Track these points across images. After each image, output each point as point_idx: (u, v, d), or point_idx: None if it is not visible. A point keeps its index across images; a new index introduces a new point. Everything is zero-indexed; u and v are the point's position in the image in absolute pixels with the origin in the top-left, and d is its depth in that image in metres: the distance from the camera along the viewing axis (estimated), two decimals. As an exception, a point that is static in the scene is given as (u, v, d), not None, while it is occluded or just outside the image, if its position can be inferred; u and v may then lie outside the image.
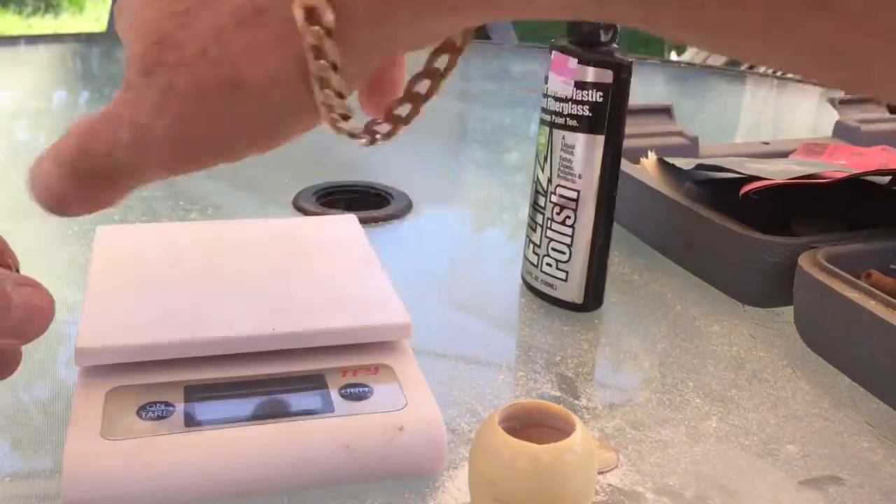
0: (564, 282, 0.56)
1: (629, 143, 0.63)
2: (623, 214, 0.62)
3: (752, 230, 0.57)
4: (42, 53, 1.41)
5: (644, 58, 1.44)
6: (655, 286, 0.62)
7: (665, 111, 0.80)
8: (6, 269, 0.34)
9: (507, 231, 0.77)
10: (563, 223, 0.55)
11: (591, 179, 0.54)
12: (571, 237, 0.55)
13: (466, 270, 0.66)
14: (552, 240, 0.56)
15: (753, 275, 0.57)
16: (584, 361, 0.52)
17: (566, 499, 0.32)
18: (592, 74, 0.52)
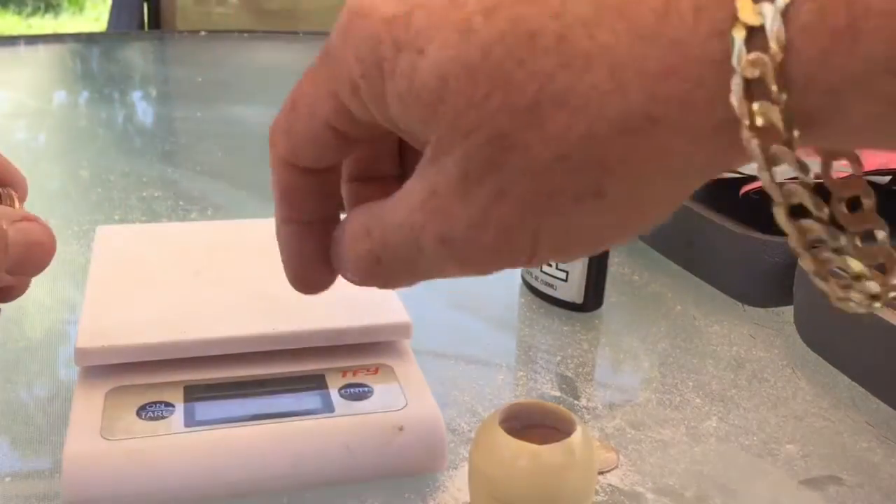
0: (564, 282, 0.56)
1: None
2: (623, 214, 0.62)
3: (752, 230, 0.57)
4: (42, 53, 1.41)
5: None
6: (655, 286, 0.62)
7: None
8: (4, 207, 0.33)
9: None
10: (563, 223, 0.55)
11: (591, 179, 0.54)
12: (571, 237, 0.55)
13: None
14: (552, 240, 0.56)
15: (753, 275, 0.57)
16: (584, 361, 0.52)
17: (566, 499, 0.32)
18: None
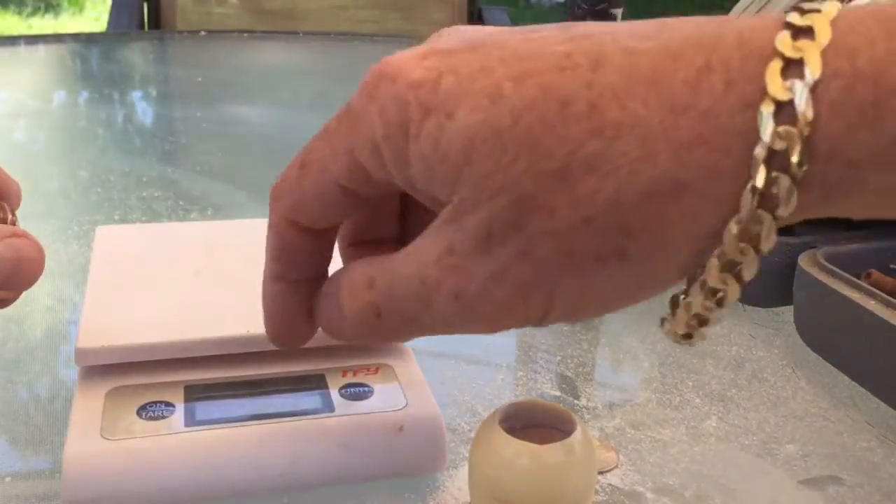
0: (564, 281, 0.56)
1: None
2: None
3: (752, 230, 0.57)
4: (42, 53, 1.41)
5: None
6: (655, 286, 0.62)
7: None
8: None
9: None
10: (563, 223, 0.55)
11: (591, 179, 0.54)
12: (571, 237, 0.55)
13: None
14: (552, 239, 0.56)
15: (753, 274, 0.57)
16: (584, 361, 0.52)
17: (566, 498, 0.32)
18: (592, 74, 0.52)
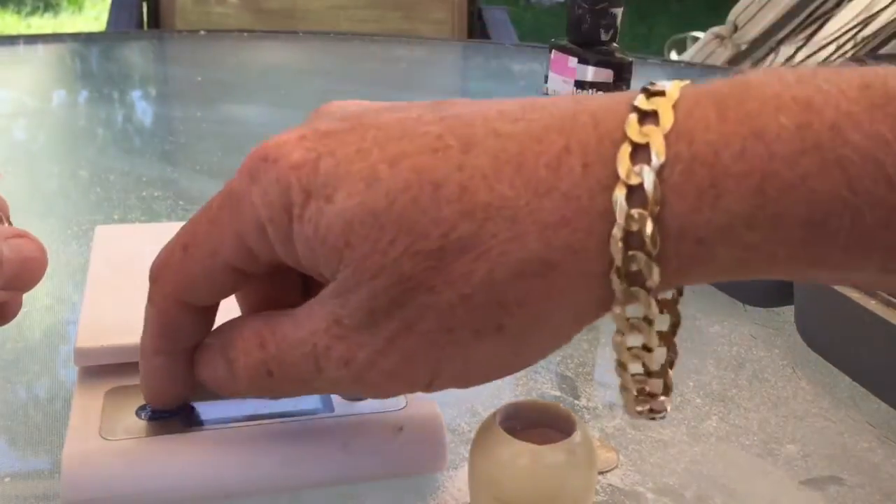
0: (564, 281, 0.56)
1: (629, 143, 0.62)
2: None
3: (753, 230, 0.57)
4: (41, 53, 1.41)
5: (644, 57, 1.44)
6: (655, 286, 0.62)
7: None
8: None
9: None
10: (563, 223, 0.55)
11: (592, 179, 0.54)
12: (571, 237, 0.55)
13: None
14: (552, 239, 0.56)
15: (754, 274, 0.57)
16: (585, 361, 0.52)
17: (566, 499, 0.32)
18: (592, 74, 0.52)
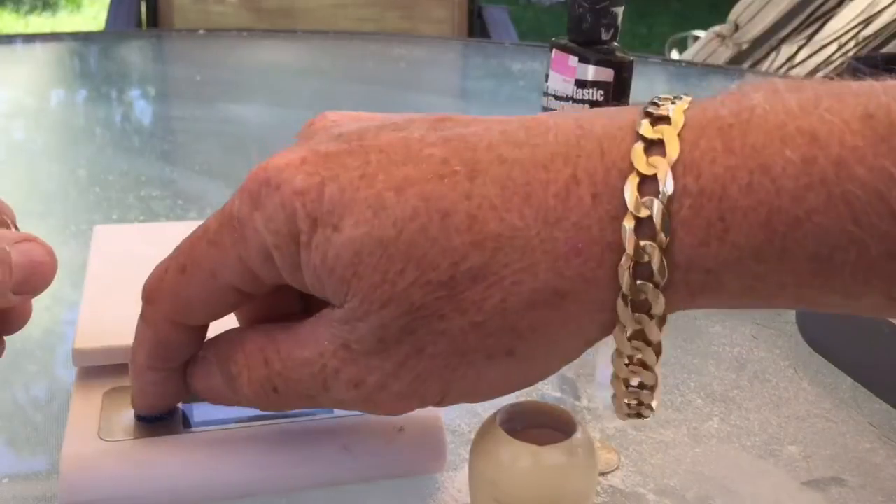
0: (565, 281, 0.56)
1: (630, 142, 0.62)
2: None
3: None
4: (39, 52, 1.40)
5: (645, 56, 1.43)
6: (656, 286, 0.62)
7: (665, 110, 0.79)
8: (2, 228, 0.33)
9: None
10: (564, 222, 0.55)
11: (592, 178, 0.53)
12: (572, 237, 0.55)
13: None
14: (552, 239, 0.56)
15: (754, 274, 0.57)
16: (585, 362, 0.51)
17: (567, 500, 0.32)
18: (593, 73, 0.52)
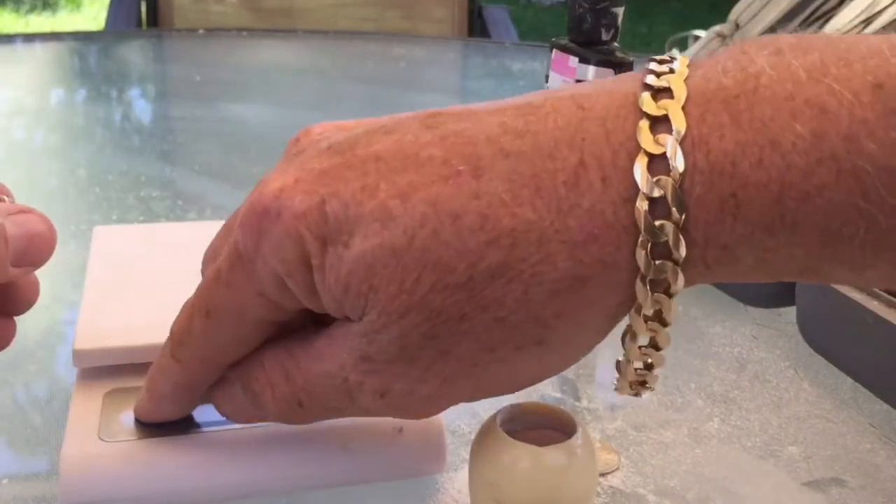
0: (565, 282, 0.56)
1: (630, 143, 0.62)
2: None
3: (754, 230, 0.57)
4: (39, 51, 1.40)
5: (645, 56, 1.43)
6: (656, 286, 0.62)
7: (665, 110, 0.79)
8: None
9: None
10: (564, 223, 0.55)
11: (592, 179, 0.53)
12: (572, 237, 0.55)
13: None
14: (553, 239, 0.56)
15: (755, 275, 0.57)
16: (586, 362, 0.51)
17: (567, 501, 0.32)
18: (593, 73, 0.52)
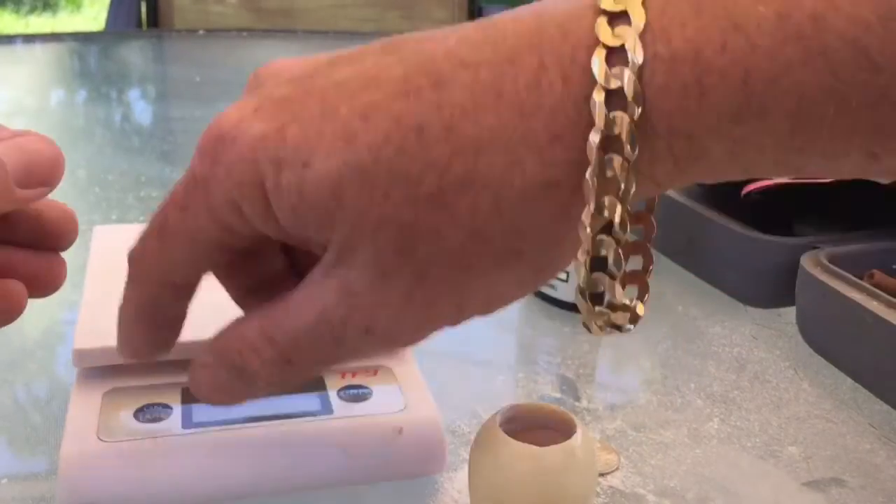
0: (565, 282, 0.56)
1: (630, 143, 0.62)
2: (624, 214, 0.62)
3: (754, 230, 0.57)
4: (39, 52, 1.40)
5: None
6: (656, 286, 0.61)
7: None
8: None
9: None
10: (564, 223, 0.55)
11: (592, 179, 0.53)
12: (572, 237, 0.55)
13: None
14: (552, 240, 0.56)
15: (755, 275, 0.57)
16: (585, 363, 0.51)
17: (567, 501, 0.32)
18: (593, 73, 0.52)
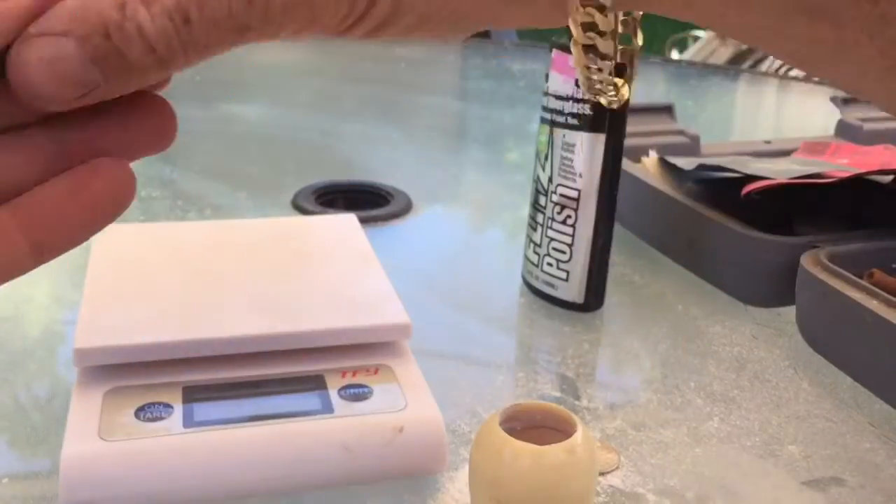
0: (565, 281, 0.56)
1: (630, 142, 0.62)
2: (624, 214, 0.62)
3: (754, 230, 0.57)
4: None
5: (645, 56, 1.43)
6: (656, 286, 0.62)
7: (666, 110, 0.79)
8: None
9: (508, 231, 0.77)
10: (564, 222, 0.55)
11: (592, 178, 0.54)
12: (572, 236, 0.55)
13: (466, 270, 0.65)
14: (553, 239, 0.56)
15: (755, 274, 0.57)
16: (585, 362, 0.51)
17: (567, 500, 0.32)
18: (593, 73, 0.52)
